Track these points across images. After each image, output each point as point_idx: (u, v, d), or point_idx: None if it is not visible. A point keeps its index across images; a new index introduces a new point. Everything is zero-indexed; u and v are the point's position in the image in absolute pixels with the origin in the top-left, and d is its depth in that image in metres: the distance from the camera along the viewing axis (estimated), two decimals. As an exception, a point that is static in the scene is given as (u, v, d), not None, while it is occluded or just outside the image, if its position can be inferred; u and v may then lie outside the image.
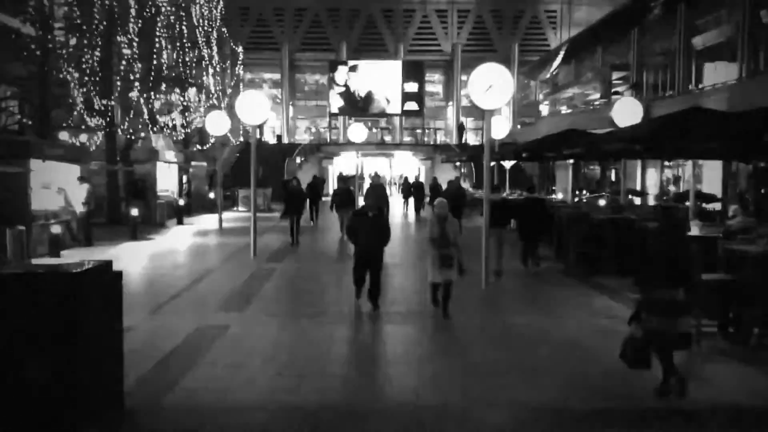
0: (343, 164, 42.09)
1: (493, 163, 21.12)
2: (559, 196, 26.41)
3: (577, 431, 5.16)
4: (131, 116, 22.25)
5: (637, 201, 20.40)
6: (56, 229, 14.10)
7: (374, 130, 51.84)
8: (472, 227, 18.12)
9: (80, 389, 4.86)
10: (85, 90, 19.22)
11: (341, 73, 50.13)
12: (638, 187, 24.90)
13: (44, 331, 4.76)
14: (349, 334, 8.20)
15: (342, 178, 26.17)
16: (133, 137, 22.77)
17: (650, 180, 25.96)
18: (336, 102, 50.33)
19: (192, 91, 27.48)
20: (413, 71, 50.24)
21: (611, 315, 8.78)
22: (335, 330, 8.12)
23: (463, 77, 46.59)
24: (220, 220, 21.19)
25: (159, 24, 22.78)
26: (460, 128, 46.21)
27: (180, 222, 22.34)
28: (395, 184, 43.54)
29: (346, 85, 49.95)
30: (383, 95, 50.16)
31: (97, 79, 19.64)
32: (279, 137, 48.82)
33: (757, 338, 7.32)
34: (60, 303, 4.76)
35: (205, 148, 30.83)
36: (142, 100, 21.94)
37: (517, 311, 9.36)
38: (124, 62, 21.15)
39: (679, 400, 5.62)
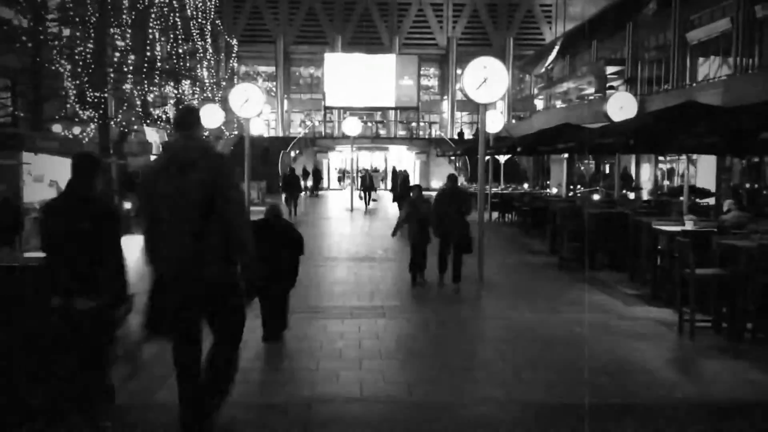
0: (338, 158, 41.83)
1: (487, 158, 21.10)
2: (554, 190, 26.43)
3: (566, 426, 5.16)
4: (125, 108, 22.12)
5: (631, 196, 20.42)
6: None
7: (369, 123, 51.76)
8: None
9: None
10: (78, 82, 19.06)
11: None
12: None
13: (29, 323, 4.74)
14: (353, 329, 8.16)
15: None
16: (126, 130, 22.62)
17: (644, 175, 26.00)
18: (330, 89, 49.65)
19: (186, 84, 27.32)
20: (408, 65, 49.98)
21: (606, 310, 8.82)
22: (331, 323, 8.10)
23: (458, 71, 46.47)
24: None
25: (152, 15, 22.63)
26: None
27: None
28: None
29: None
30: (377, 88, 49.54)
31: (91, 70, 19.47)
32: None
33: (751, 333, 7.34)
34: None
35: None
36: (135, 92, 21.80)
37: (510, 305, 9.35)
38: (117, 54, 21.01)
39: None
